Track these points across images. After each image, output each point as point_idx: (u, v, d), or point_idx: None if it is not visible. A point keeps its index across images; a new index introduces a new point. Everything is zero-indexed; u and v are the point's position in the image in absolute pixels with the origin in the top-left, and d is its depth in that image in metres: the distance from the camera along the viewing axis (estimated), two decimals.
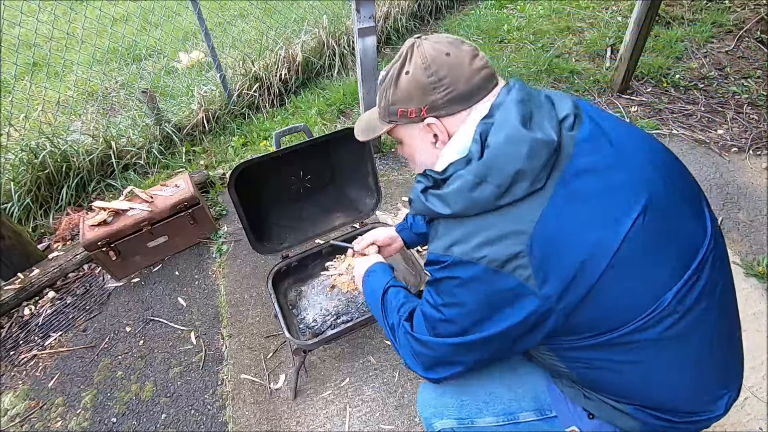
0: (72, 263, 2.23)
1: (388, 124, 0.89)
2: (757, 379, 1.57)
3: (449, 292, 0.78)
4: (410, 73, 0.80)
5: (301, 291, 1.76)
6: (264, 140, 2.94)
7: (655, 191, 0.74)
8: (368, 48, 2.19)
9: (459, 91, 0.78)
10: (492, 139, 0.73)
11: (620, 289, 0.71)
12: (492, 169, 0.71)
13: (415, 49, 0.80)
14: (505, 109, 0.76)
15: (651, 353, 0.76)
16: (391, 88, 0.83)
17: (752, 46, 3.37)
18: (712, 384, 0.82)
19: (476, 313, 0.77)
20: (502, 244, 0.70)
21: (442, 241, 0.77)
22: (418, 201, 0.82)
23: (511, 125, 0.72)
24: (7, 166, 2.49)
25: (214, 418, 1.65)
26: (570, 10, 4.14)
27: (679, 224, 0.76)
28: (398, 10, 4.02)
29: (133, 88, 3.38)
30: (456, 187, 0.74)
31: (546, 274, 0.69)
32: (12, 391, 1.80)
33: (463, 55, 0.78)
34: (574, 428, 0.95)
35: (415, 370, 0.93)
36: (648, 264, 0.72)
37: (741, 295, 1.82)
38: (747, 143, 2.58)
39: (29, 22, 3.61)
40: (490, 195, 0.71)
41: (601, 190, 0.72)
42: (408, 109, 0.82)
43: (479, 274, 0.72)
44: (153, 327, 1.98)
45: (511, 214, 0.71)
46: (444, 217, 0.77)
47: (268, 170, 1.55)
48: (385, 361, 1.74)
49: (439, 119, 0.81)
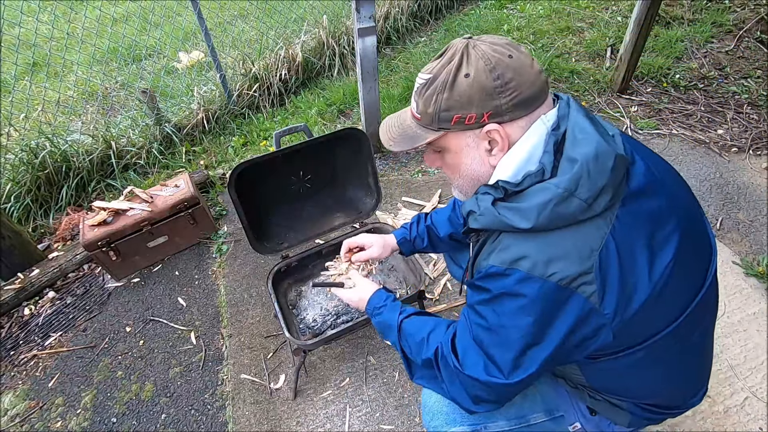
0: (72, 263, 2.23)
1: (435, 132, 0.80)
2: (757, 379, 1.57)
3: (508, 311, 0.73)
4: (471, 75, 0.73)
5: (301, 291, 1.76)
6: (264, 140, 2.94)
7: (687, 211, 0.79)
8: (368, 48, 2.19)
9: (524, 95, 0.73)
10: (578, 151, 0.70)
11: (658, 306, 0.73)
12: (582, 183, 0.68)
13: (471, 50, 0.74)
14: (577, 121, 0.74)
15: (661, 359, 0.79)
16: (444, 92, 0.75)
17: (752, 46, 3.37)
18: (697, 382, 0.93)
19: (536, 334, 0.73)
20: (573, 260, 0.68)
21: (507, 253, 0.72)
22: (488, 214, 0.75)
23: (595, 139, 0.70)
24: (7, 166, 2.49)
25: (214, 418, 1.65)
26: (570, 10, 4.14)
27: (702, 239, 0.81)
28: (398, 10, 4.02)
29: (133, 88, 3.38)
30: (541, 201, 0.69)
31: (606, 292, 0.69)
32: (12, 391, 1.80)
33: (524, 58, 0.74)
34: (577, 425, 1.00)
35: (462, 404, 0.86)
36: (681, 279, 0.75)
37: (741, 295, 1.82)
38: (747, 143, 2.58)
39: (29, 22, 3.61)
40: (577, 209, 0.68)
41: (652, 211, 0.74)
42: (466, 115, 0.75)
43: (546, 291, 0.69)
44: (153, 327, 1.98)
45: (585, 229, 0.69)
46: (516, 230, 0.72)
47: (268, 170, 1.55)
48: (385, 361, 1.74)
49: (501, 125, 0.75)
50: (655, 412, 0.91)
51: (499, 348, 0.76)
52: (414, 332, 0.96)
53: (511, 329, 0.74)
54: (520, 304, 0.71)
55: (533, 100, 0.74)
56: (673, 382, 0.87)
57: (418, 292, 1.58)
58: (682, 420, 1.48)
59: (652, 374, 0.82)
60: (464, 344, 0.83)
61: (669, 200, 0.76)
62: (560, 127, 0.75)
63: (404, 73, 3.51)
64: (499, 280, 0.73)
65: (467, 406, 0.84)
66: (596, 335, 0.72)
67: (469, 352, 0.81)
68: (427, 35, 4.13)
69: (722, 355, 1.63)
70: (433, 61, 0.79)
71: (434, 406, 1.04)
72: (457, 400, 0.85)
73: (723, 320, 1.73)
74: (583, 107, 0.79)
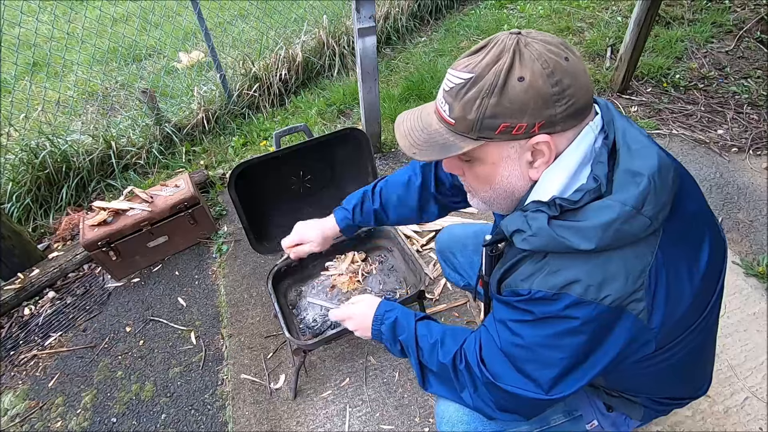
0: (72, 263, 2.23)
1: (474, 142, 0.69)
2: (757, 379, 1.57)
3: (554, 333, 0.69)
4: (526, 80, 0.63)
5: (301, 291, 1.76)
6: (264, 140, 2.94)
7: (710, 211, 0.80)
8: (368, 48, 2.19)
9: (579, 104, 0.65)
10: (639, 164, 0.65)
11: (690, 311, 0.73)
12: (648, 200, 0.63)
13: (523, 49, 0.64)
14: (626, 129, 0.69)
15: (678, 357, 0.79)
16: (492, 96, 0.64)
17: (752, 46, 3.37)
18: (706, 376, 0.95)
19: (585, 354, 0.69)
20: (626, 280, 0.64)
21: (556, 278, 0.66)
22: (544, 235, 0.66)
23: (655, 150, 0.66)
24: (7, 166, 2.49)
25: (214, 418, 1.65)
26: (570, 10, 4.14)
27: (719, 239, 0.80)
28: (398, 10, 4.01)
29: (133, 88, 3.38)
30: (606, 220, 0.62)
31: (655, 307, 0.67)
32: (12, 391, 1.80)
33: (578, 62, 0.66)
34: (594, 422, 1.01)
35: (484, 412, 0.82)
36: (708, 282, 0.75)
37: (741, 295, 1.82)
38: (747, 143, 2.58)
39: (29, 22, 3.61)
40: (641, 228, 0.63)
41: (690, 217, 0.73)
42: (516, 124, 0.65)
43: (599, 314, 0.65)
44: (153, 327, 1.98)
45: (638, 246, 0.65)
46: (569, 251, 0.66)
47: (268, 170, 1.55)
48: (385, 361, 1.74)
49: (551, 136, 0.67)
50: (666, 404, 0.94)
51: (537, 365, 0.72)
52: (426, 333, 0.91)
53: (555, 349, 0.70)
54: (569, 326, 0.67)
55: (585, 109, 0.67)
56: (686, 377, 0.89)
57: (418, 292, 1.58)
58: (682, 420, 1.48)
59: (668, 372, 0.82)
60: (492, 355, 0.78)
61: (699, 204, 0.76)
62: (608, 134, 0.69)
63: (404, 73, 3.51)
64: (545, 304, 0.68)
65: (489, 414, 0.81)
66: (641, 349, 0.71)
67: (499, 364, 0.77)
68: (427, 35, 4.13)
69: (722, 355, 1.63)
70: (471, 57, 0.68)
71: (453, 415, 0.98)
72: (480, 409, 0.82)
73: (723, 320, 1.73)
74: (619, 112, 0.75)
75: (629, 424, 1.00)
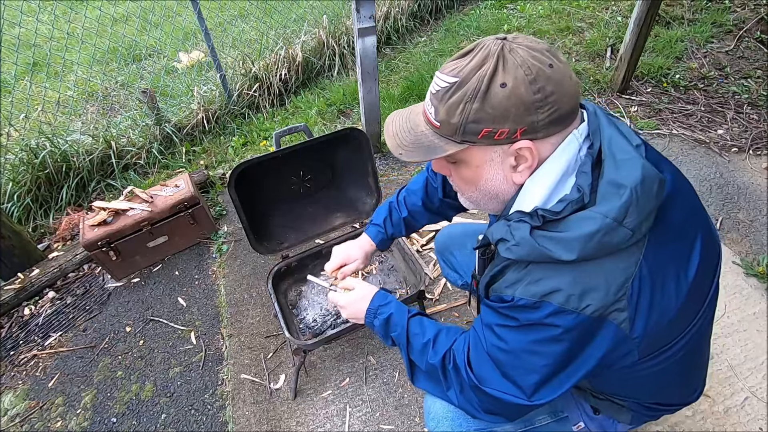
0: (72, 263, 2.23)
1: (457, 145, 0.70)
2: (757, 379, 1.57)
3: (537, 340, 0.70)
4: (509, 86, 0.63)
5: (301, 291, 1.76)
6: (264, 140, 2.94)
7: (704, 217, 0.78)
8: (368, 48, 2.19)
9: (562, 111, 0.66)
10: (623, 175, 0.64)
11: (679, 319, 0.72)
12: (630, 212, 0.63)
13: (507, 55, 0.64)
14: (612, 138, 0.68)
15: (666, 364, 0.79)
16: (475, 102, 0.65)
17: (752, 46, 3.37)
18: (698, 381, 0.94)
19: (566, 362, 0.70)
20: (607, 290, 0.65)
21: (537, 287, 0.68)
22: (526, 245, 0.67)
23: (640, 162, 0.65)
24: (7, 166, 2.49)
25: (214, 418, 1.65)
26: (570, 10, 4.14)
27: (713, 245, 0.79)
28: (398, 10, 4.02)
29: (133, 88, 3.38)
30: (587, 231, 0.63)
31: (637, 317, 0.67)
32: (12, 391, 1.80)
33: (564, 68, 0.66)
34: (581, 424, 1.01)
35: (470, 412, 0.83)
36: (699, 289, 0.74)
37: (741, 295, 1.82)
38: (747, 143, 2.58)
39: (29, 22, 3.61)
40: (622, 239, 0.63)
41: (679, 225, 0.72)
42: (498, 130, 0.66)
43: (580, 323, 0.66)
44: (153, 327, 1.98)
45: (621, 256, 0.65)
46: (551, 261, 0.66)
47: (268, 170, 1.55)
48: (385, 361, 1.74)
49: (533, 142, 0.67)
50: (656, 410, 0.93)
51: (521, 370, 0.73)
52: (419, 332, 0.92)
53: (537, 356, 0.71)
54: (551, 334, 0.68)
55: (569, 115, 0.67)
56: (676, 383, 0.88)
57: (418, 292, 1.58)
58: (682, 420, 1.48)
59: (656, 378, 0.82)
60: (479, 359, 0.79)
61: (690, 210, 0.75)
62: (593, 143, 0.69)
63: (404, 73, 3.51)
64: (527, 312, 0.69)
65: (474, 414, 0.83)
66: (624, 358, 0.71)
67: (485, 367, 0.78)
68: (427, 35, 4.13)
69: (722, 355, 1.63)
70: (457, 61, 0.68)
71: (439, 411, 1.01)
72: (465, 409, 0.83)
73: (723, 320, 1.73)
74: (609, 115, 0.75)
75: (617, 427, 0.99)
